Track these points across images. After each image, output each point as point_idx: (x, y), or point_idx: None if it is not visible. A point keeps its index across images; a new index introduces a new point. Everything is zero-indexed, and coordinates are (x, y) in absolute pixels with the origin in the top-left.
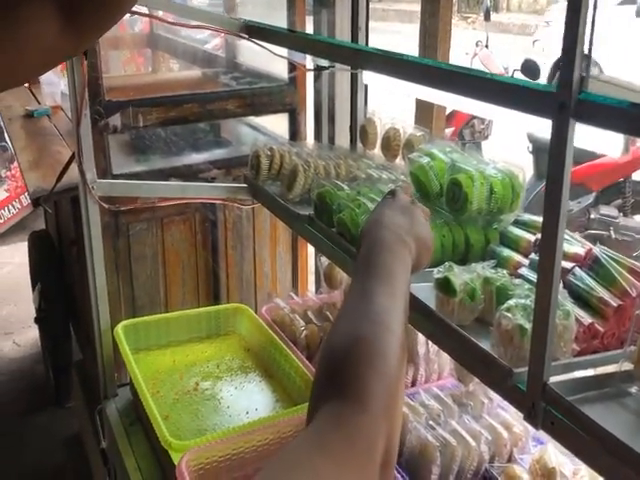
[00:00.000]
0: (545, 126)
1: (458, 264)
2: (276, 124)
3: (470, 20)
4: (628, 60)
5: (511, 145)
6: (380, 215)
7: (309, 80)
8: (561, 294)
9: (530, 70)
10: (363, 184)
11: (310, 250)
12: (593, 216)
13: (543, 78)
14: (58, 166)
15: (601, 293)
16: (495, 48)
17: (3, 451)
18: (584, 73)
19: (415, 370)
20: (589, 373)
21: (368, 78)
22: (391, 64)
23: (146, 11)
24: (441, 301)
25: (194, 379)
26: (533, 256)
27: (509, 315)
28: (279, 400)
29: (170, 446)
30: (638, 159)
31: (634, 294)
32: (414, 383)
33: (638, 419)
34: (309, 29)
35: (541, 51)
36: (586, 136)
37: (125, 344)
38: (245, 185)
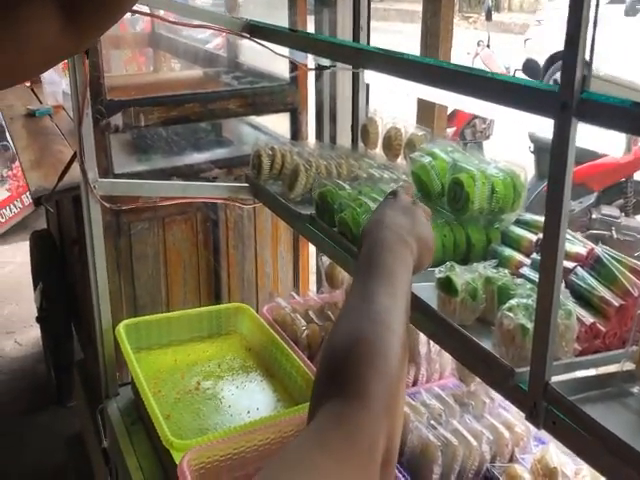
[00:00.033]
0: (546, 126)
1: (459, 264)
2: (277, 124)
3: (471, 20)
4: (618, 59)
5: (512, 145)
6: (381, 215)
7: (310, 79)
8: (563, 294)
9: (531, 70)
10: (364, 184)
11: (311, 250)
12: (595, 216)
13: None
14: (60, 165)
15: (603, 293)
16: (496, 48)
17: (4, 450)
18: (586, 72)
19: (416, 370)
20: (591, 373)
21: (370, 77)
22: (393, 63)
23: (148, 10)
24: (443, 301)
25: (195, 378)
26: (535, 256)
27: (511, 315)
28: (280, 400)
29: (171, 445)
30: None
31: (636, 294)
32: (415, 383)
33: None
34: (310, 28)
35: (532, 50)
36: (588, 136)
37: (126, 343)
38: (246, 185)
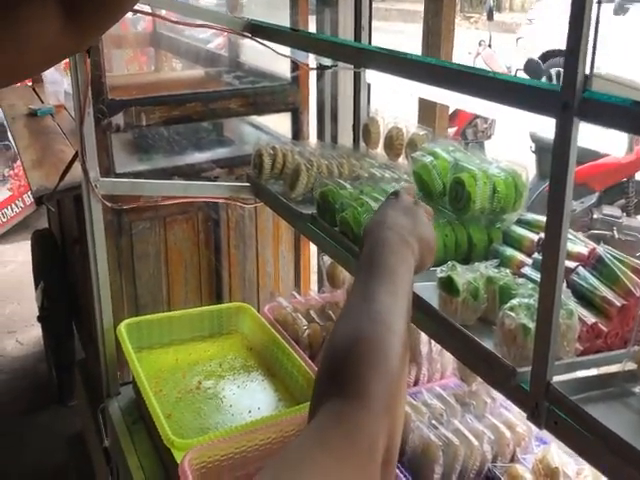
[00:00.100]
0: (548, 126)
1: (461, 263)
2: (279, 123)
3: (473, 20)
4: (608, 58)
5: (514, 145)
6: (383, 216)
7: (312, 79)
8: (564, 293)
9: (533, 69)
10: (366, 183)
11: (313, 249)
12: (596, 216)
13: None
14: (61, 165)
15: (605, 293)
16: (498, 48)
17: (5, 450)
18: (588, 72)
19: (418, 369)
20: (592, 373)
21: (371, 77)
22: (394, 63)
23: (149, 10)
24: (444, 300)
25: (197, 378)
26: (536, 255)
27: (512, 314)
28: (281, 399)
29: (173, 445)
30: None
31: (638, 294)
32: (417, 382)
33: None
34: (312, 28)
35: (524, 48)
36: (589, 135)
37: (128, 343)
38: (248, 184)
